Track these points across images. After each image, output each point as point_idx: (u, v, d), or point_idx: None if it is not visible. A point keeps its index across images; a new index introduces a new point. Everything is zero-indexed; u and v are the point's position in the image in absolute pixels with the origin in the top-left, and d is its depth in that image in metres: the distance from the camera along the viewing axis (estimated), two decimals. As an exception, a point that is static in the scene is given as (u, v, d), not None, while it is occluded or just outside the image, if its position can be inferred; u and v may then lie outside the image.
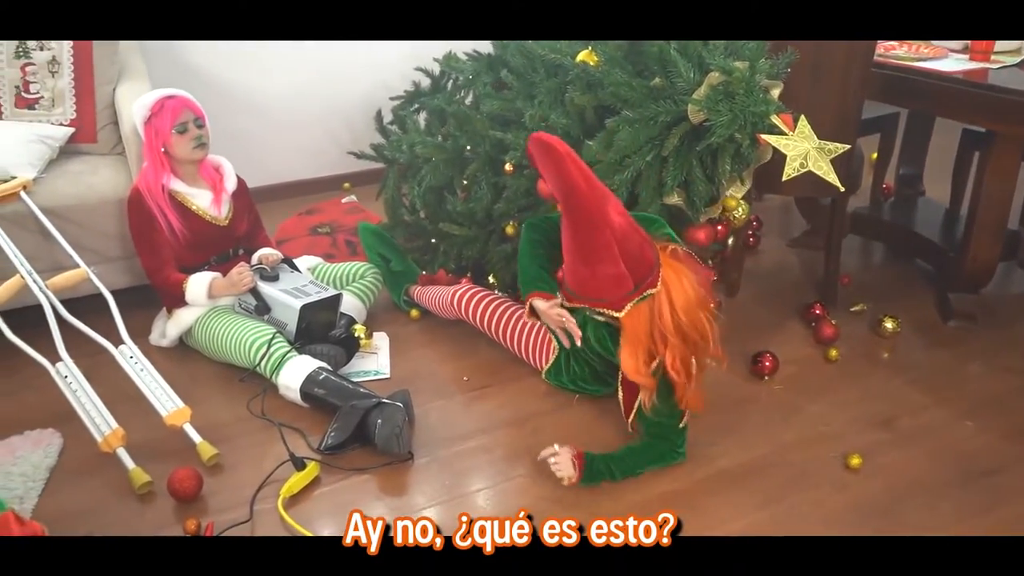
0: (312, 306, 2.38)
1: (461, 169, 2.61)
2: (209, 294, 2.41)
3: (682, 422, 2.01)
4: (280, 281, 2.46)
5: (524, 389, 2.38)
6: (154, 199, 2.39)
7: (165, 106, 2.37)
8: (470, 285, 2.53)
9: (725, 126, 1.91)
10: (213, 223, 2.50)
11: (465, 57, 2.96)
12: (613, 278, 1.79)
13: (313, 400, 2.23)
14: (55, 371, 2.11)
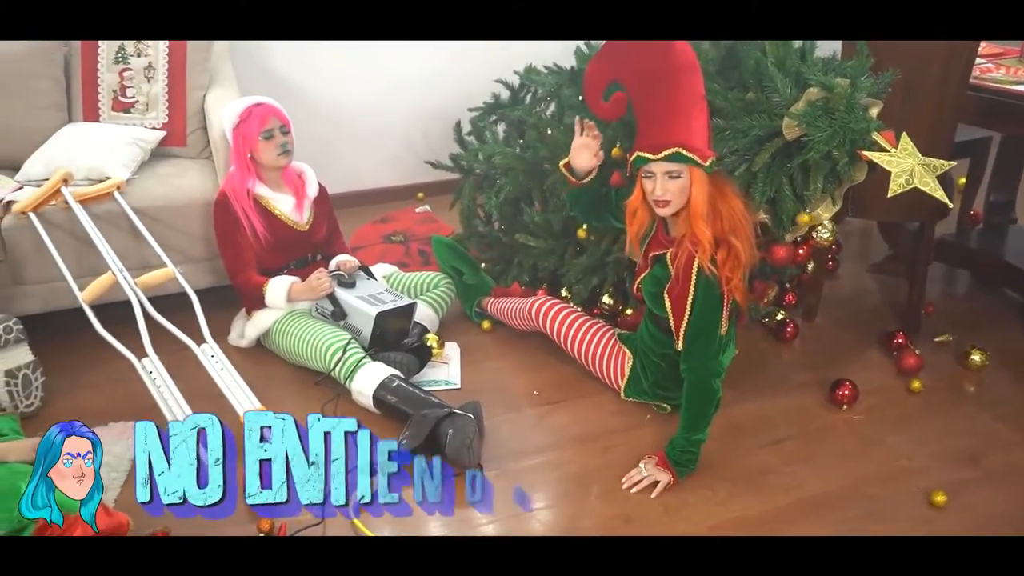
0: (387, 314, 2.40)
1: (539, 180, 2.61)
2: (288, 297, 2.45)
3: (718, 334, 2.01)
4: (356, 288, 2.50)
5: (596, 406, 2.36)
6: (239, 202, 2.45)
7: (253, 113, 2.43)
8: (548, 296, 2.52)
9: (823, 142, 1.87)
10: (294, 228, 2.55)
11: (545, 70, 2.97)
12: (703, 127, 1.90)
13: (385, 407, 2.25)
14: (141, 366, 2.18)
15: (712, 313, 1.99)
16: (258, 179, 2.50)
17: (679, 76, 1.90)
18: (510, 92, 3.03)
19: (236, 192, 2.46)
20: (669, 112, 1.92)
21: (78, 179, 2.56)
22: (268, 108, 2.47)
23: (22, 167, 2.63)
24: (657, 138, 1.94)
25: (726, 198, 1.96)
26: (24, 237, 2.45)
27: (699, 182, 1.92)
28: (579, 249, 2.57)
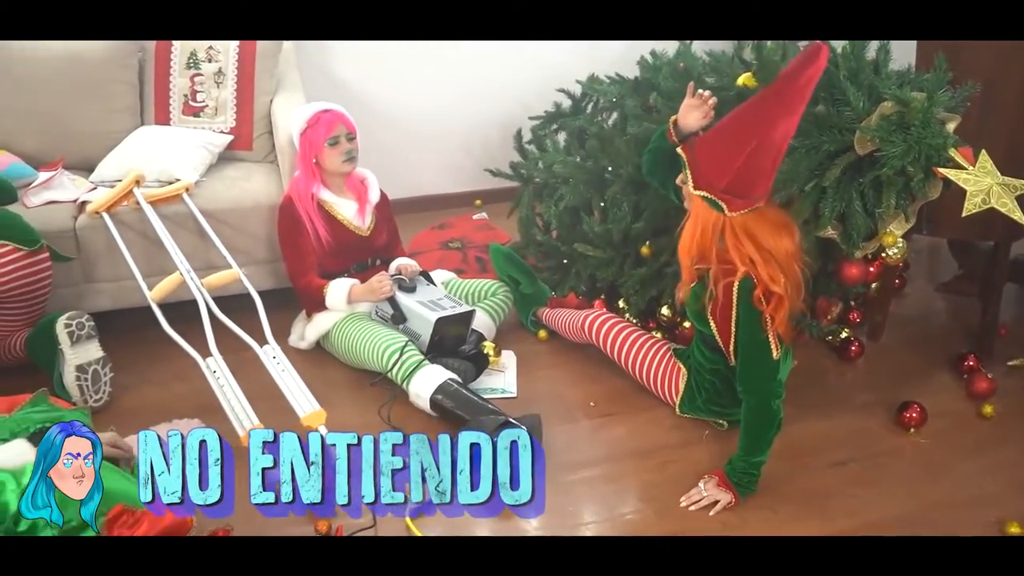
0: (446, 320, 2.41)
1: (600, 190, 2.59)
2: (348, 299, 2.48)
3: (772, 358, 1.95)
4: (416, 293, 2.51)
5: (652, 420, 2.32)
6: (303, 206, 2.49)
7: (320, 119, 2.47)
8: (601, 310, 2.50)
9: (898, 158, 1.82)
10: (356, 232, 2.59)
11: (607, 80, 2.96)
12: (723, 156, 1.82)
13: (442, 410, 2.25)
14: (205, 365, 2.22)
15: (758, 339, 1.94)
16: (322, 184, 2.54)
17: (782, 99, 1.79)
18: (571, 101, 3.02)
19: (300, 196, 2.50)
20: (718, 124, 1.90)
21: (149, 181, 2.63)
22: (335, 115, 2.50)
23: (96, 168, 2.71)
24: (712, 170, 1.89)
25: (765, 240, 1.88)
26: (97, 236, 2.53)
27: (695, 209, 1.91)
28: (638, 260, 2.54)
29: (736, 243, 1.88)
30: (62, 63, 2.73)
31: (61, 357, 2.24)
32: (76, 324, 2.24)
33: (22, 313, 2.35)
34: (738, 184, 1.83)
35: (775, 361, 1.95)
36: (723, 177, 1.84)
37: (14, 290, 2.28)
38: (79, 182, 2.68)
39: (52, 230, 2.46)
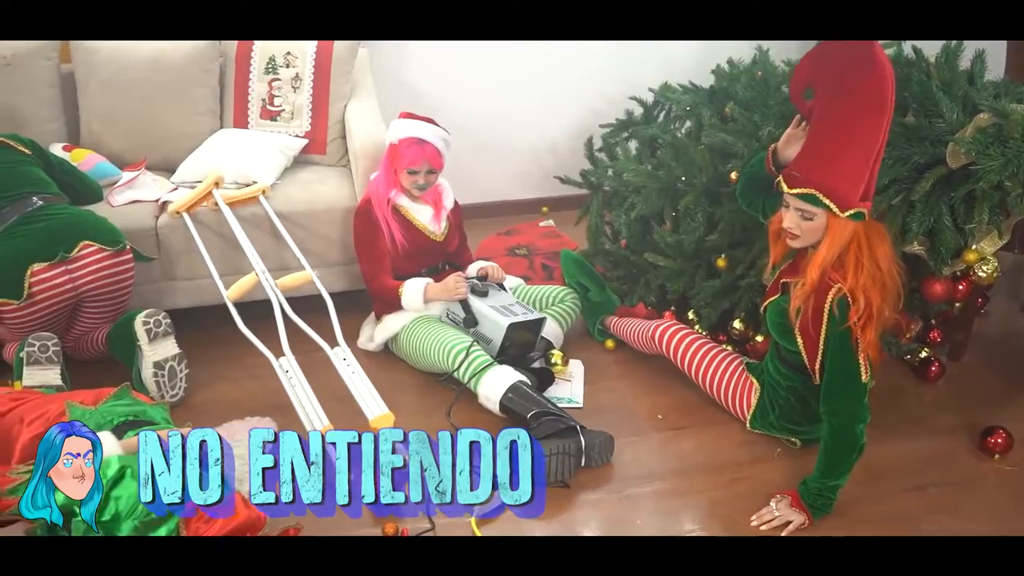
0: (518, 326, 2.41)
1: (672, 200, 2.55)
2: (424, 298, 2.49)
3: (860, 380, 1.89)
4: (489, 297, 2.51)
5: (722, 435, 2.28)
6: (380, 210, 2.51)
7: (411, 147, 2.48)
8: (673, 321, 2.47)
9: (994, 172, 1.75)
10: (430, 237, 2.61)
11: (680, 88, 2.92)
12: (857, 173, 1.80)
13: (512, 413, 2.25)
14: (278, 365, 2.25)
15: (847, 359, 1.89)
16: (400, 191, 2.56)
17: (856, 112, 1.79)
18: (643, 109, 2.99)
19: (378, 200, 2.52)
20: (824, 146, 1.84)
21: (227, 183, 2.69)
22: (425, 151, 2.48)
23: (177, 169, 2.79)
24: (802, 169, 1.87)
25: (874, 250, 1.86)
26: (177, 236, 2.60)
27: (835, 232, 1.84)
28: (710, 272, 2.50)
29: (858, 252, 1.84)
30: (147, 67, 2.82)
31: (139, 353, 2.31)
32: (153, 322, 2.30)
33: (105, 311, 2.43)
34: (868, 186, 1.84)
35: (863, 383, 1.89)
36: (859, 187, 1.82)
37: (98, 289, 2.35)
38: (161, 182, 2.76)
39: (135, 228, 2.53)
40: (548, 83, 3.57)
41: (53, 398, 1.96)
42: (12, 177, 2.34)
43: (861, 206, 1.83)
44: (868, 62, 1.77)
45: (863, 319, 1.84)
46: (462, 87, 3.44)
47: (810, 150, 1.87)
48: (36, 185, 2.35)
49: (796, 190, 1.85)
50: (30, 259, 2.24)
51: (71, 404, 1.88)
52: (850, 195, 1.82)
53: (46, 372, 2.29)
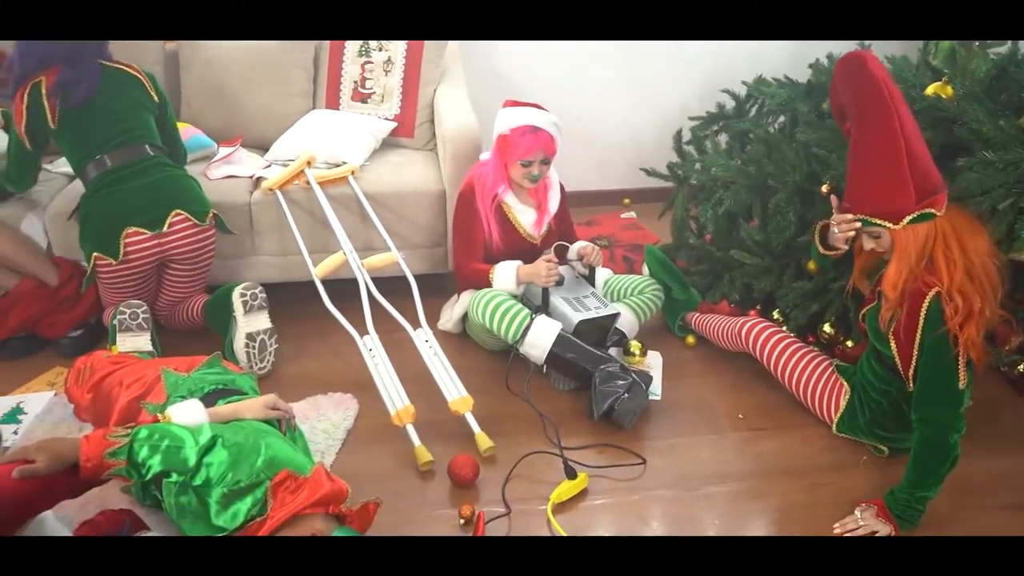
0: (588, 322, 2.37)
1: (762, 197, 2.50)
2: (516, 281, 2.43)
3: (956, 387, 1.82)
4: (564, 287, 2.47)
5: (804, 439, 2.22)
6: (484, 204, 2.46)
7: (526, 136, 2.38)
8: (761, 319, 2.41)
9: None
10: (527, 240, 2.58)
11: (775, 82, 2.85)
12: (896, 182, 1.79)
13: (560, 363, 2.30)
14: (362, 343, 2.30)
15: (943, 363, 1.82)
16: (508, 186, 2.51)
17: (865, 121, 1.83)
18: (735, 103, 2.93)
19: (483, 193, 2.47)
20: (857, 166, 1.87)
21: (319, 163, 2.75)
22: (541, 139, 2.39)
23: (271, 147, 2.86)
24: (849, 197, 1.91)
25: (964, 243, 1.80)
26: (268, 212, 2.67)
27: (901, 245, 1.83)
28: (798, 272, 2.44)
29: (946, 250, 1.80)
30: (247, 48, 2.90)
31: (234, 324, 2.39)
32: (250, 295, 2.38)
33: (187, 276, 2.50)
34: (921, 185, 1.79)
35: (960, 391, 1.82)
36: (908, 192, 1.79)
37: (182, 255, 2.43)
38: (255, 159, 2.84)
39: (229, 203, 2.61)
40: (635, 74, 3.53)
41: (150, 363, 2.04)
42: (134, 118, 2.40)
43: (921, 208, 1.79)
44: (857, 72, 1.82)
45: (961, 317, 1.77)
46: (549, 75, 3.43)
47: (849, 175, 1.89)
48: (147, 135, 2.41)
49: (848, 218, 1.90)
50: (127, 221, 2.33)
51: (166, 370, 1.95)
52: (898, 203, 1.80)
53: (137, 338, 2.39)
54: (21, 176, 2.46)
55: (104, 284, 2.44)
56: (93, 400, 1.99)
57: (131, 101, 2.40)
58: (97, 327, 2.59)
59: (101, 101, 2.34)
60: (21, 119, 2.30)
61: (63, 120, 2.31)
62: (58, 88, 2.29)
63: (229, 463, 1.56)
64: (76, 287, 2.57)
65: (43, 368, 2.49)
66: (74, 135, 2.33)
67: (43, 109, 2.29)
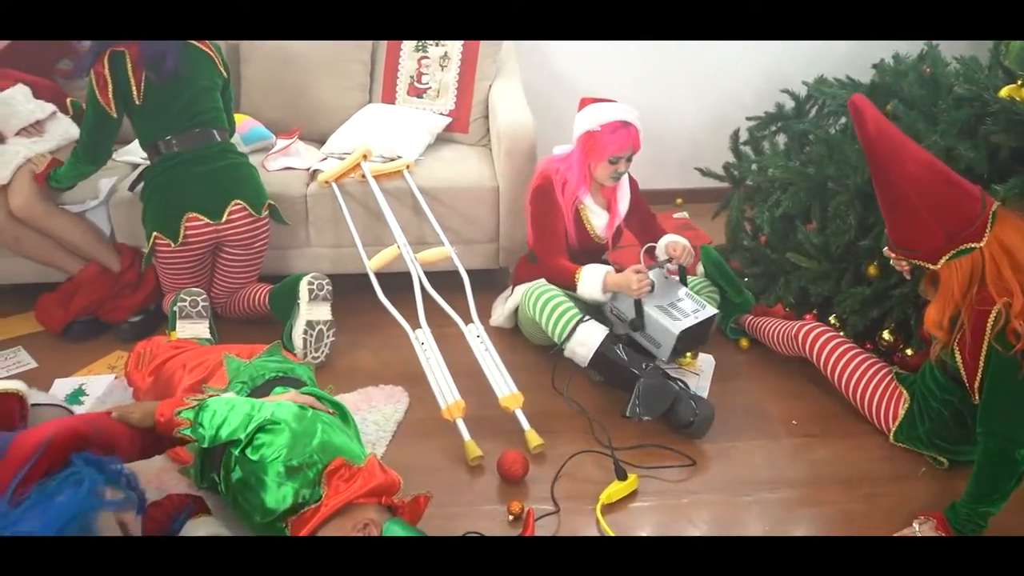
0: (688, 331, 2.26)
1: (821, 199, 2.45)
2: (603, 288, 2.34)
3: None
4: (656, 292, 2.31)
5: (859, 447, 2.18)
6: (565, 202, 2.44)
7: (617, 132, 2.33)
8: (818, 323, 2.36)
9: None
10: (597, 241, 2.56)
11: (836, 82, 2.79)
12: (916, 227, 1.78)
13: (605, 363, 2.28)
14: (414, 337, 2.31)
15: (1010, 378, 1.75)
16: (588, 188, 2.46)
17: (874, 168, 1.82)
18: (795, 103, 2.88)
19: (565, 193, 2.44)
20: (884, 213, 1.86)
21: (374, 156, 2.77)
22: (632, 134, 2.35)
23: (328, 140, 2.89)
24: (889, 234, 1.89)
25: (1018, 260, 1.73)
26: (324, 204, 2.70)
27: (945, 283, 1.79)
28: (856, 277, 2.39)
29: (996, 272, 1.72)
30: (306, 42, 2.93)
31: (296, 311, 2.42)
32: (317, 284, 2.41)
33: (239, 263, 2.54)
34: (949, 225, 1.74)
35: None
36: (934, 234, 1.76)
37: (236, 242, 2.48)
38: (312, 151, 2.87)
39: (286, 194, 2.65)
40: (691, 72, 3.49)
41: (211, 349, 2.08)
42: (206, 100, 2.42)
43: (955, 246, 1.74)
44: (856, 120, 1.80)
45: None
46: (603, 72, 3.41)
47: (882, 213, 1.88)
48: (216, 119, 2.44)
49: (892, 255, 1.89)
50: (189, 206, 2.38)
51: (228, 356, 1.99)
52: (927, 246, 1.77)
53: (196, 325, 2.44)
54: (97, 150, 2.43)
55: (161, 266, 2.49)
56: (154, 383, 2.04)
57: (205, 81, 2.42)
58: (156, 313, 2.64)
59: (181, 79, 2.36)
60: (107, 85, 2.29)
61: (146, 95, 2.33)
62: (147, 59, 2.29)
63: (286, 441, 1.59)
64: (137, 273, 2.63)
65: (104, 351, 2.55)
66: (152, 110, 2.35)
67: (128, 80, 2.30)
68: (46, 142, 2.54)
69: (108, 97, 2.31)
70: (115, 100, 2.32)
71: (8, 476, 1.37)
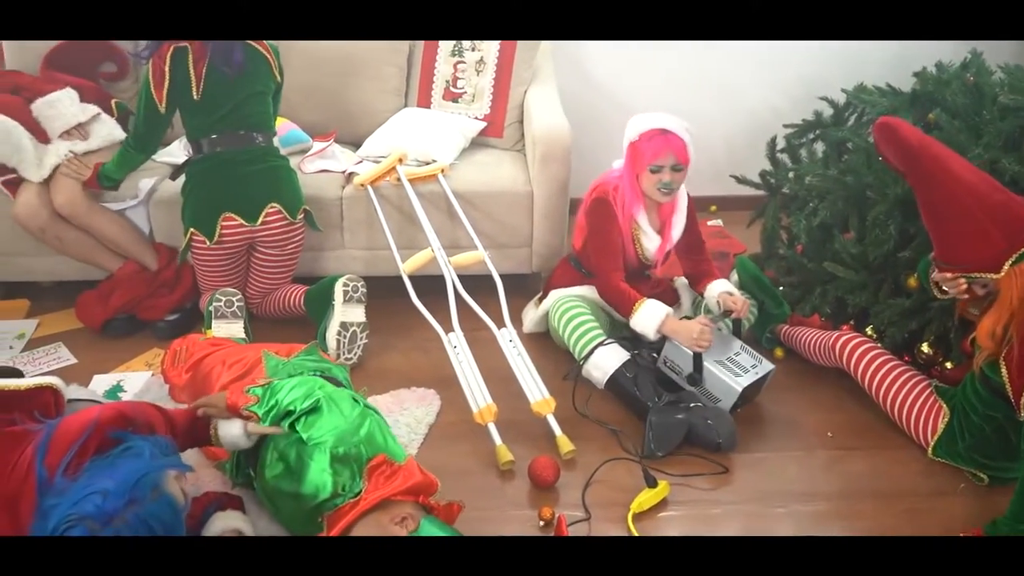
0: (750, 387, 2.21)
1: (859, 208, 2.42)
2: (658, 328, 2.25)
3: None
4: (711, 348, 2.22)
5: (897, 461, 2.14)
6: (623, 218, 2.38)
7: (653, 139, 2.28)
8: (856, 334, 2.33)
9: None
10: (645, 263, 2.52)
11: (876, 90, 2.76)
12: (973, 237, 1.76)
13: (619, 388, 2.28)
14: (447, 340, 2.32)
15: None
16: (643, 204, 2.40)
17: (920, 185, 1.82)
18: (833, 110, 2.85)
19: (623, 209, 2.37)
20: (935, 229, 1.85)
21: (409, 160, 2.78)
22: (668, 141, 2.28)
23: (363, 143, 2.92)
24: (941, 254, 1.87)
25: None
26: (358, 207, 2.72)
27: (1004, 291, 1.76)
28: (895, 288, 2.35)
29: None
30: (343, 45, 2.95)
31: (331, 311, 2.44)
32: (352, 287, 2.43)
33: (273, 263, 2.57)
34: (1010, 228, 1.74)
35: None
36: (995, 240, 1.74)
37: (269, 243, 2.51)
38: (348, 154, 2.90)
39: (322, 196, 2.68)
40: (727, 78, 3.47)
41: (250, 346, 2.11)
42: (256, 104, 2.44)
43: (1020, 247, 1.72)
44: (890, 140, 1.81)
45: None
46: (639, 77, 3.40)
47: (930, 234, 1.87)
48: (261, 123, 2.47)
49: (948, 276, 1.84)
50: (226, 206, 2.42)
51: (267, 353, 2.02)
52: (989, 253, 1.75)
53: (231, 325, 2.47)
54: (149, 139, 2.45)
55: (197, 263, 2.53)
56: (191, 379, 2.07)
57: (260, 86, 2.45)
58: (192, 312, 2.68)
59: (242, 78, 2.38)
60: (163, 81, 2.31)
61: (205, 91, 2.35)
62: (216, 54, 2.31)
63: (335, 425, 1.66)
64: (174, 272, 2.67)
65: (142, 349, 2.59)
66: (207, 107, 2.37)
67: (188, 75, 2.33)
68: (88, 144, 2.60)
69: (161, 93, 2.33)
70: (168, 96, 2.34)
71: (59, 454, 1.41)
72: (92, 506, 1.29)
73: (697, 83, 3.46)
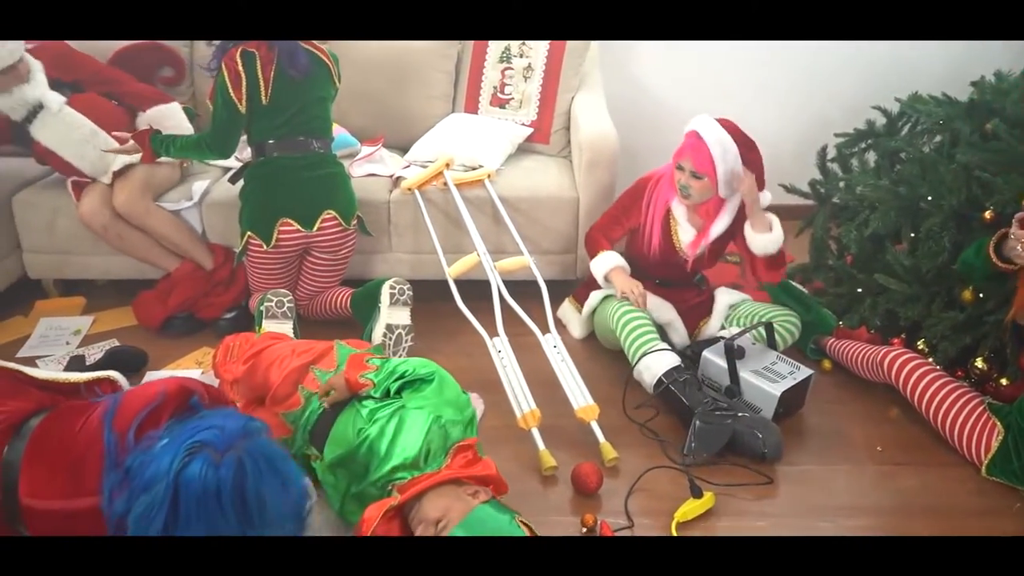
0: (789, 391, 2.21)
1: (913, 220, 2.37)
2: (605, 273, 2.48)
3: None
4: (748, 358, 2.30)
5: (949, 478, 2.10)
6: (654, 206, 2.46)
7: (688, 138, 2.35)
8: (905, 349, 2.29)
9: None
10: (679, 254, 2.52)
11: (932, 99, 2.71)
12: None
13: (667, 395, 2.27)
14: (491, 344, 2.33)
15: None
16: (678, 195, 2.44)
17: None
18: (886, 120, 2.80)
19: (657, 194, 2.46)
20: None
21: (456, 165, 2.81)
22: (693, 146, 2.32)
23: (411, 148, 2.95)
24: None
25: None
26: (405, 211, 2.75)
27: None
28: (948, 301, 2.30)
29: None
30: (392, 50, 3.00)
31: (377, 313, 2.47)
32: (398, 289, 2.46)
33: (325, 267, 2.61)
34: None
35: None
36: None
37: (324, 248, 2.55)
38: (396, 159, 2.93)
39: (370, 200, 2.71)
40: (776, 86, 3.44)
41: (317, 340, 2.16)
42: (317, 109, 2.47)
43: None
44: None
45: None
46: (686, 84, 3.39)
47: None
48: (320, 129, 2.49)
49: None
50: (283, 212, 2.46)
51: (340, 344, 2.09)
52: None
53: (281, 325, 2.50)
54: (226, 144, 2.42)
55: (252, 265, 2.58)
56: (249, 371, 2.10)
57: (321, 91, 2.48)
58: (248, 309, 2.73)
59: (306, 83, 2.41)
60: (240, 82, 2.31)
61: (273, 95, 2.37)
62: (283, 57, 2.34)
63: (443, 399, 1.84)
64: (229, 271, 2.73)
65: (192, 348, 2.65)
66: (272, 111, 2.39)
67: (258, 79, 2.34)
68: None
69: (240, 93, 2.34)
70: (246, 96, 2.35)
71: (128, 419, 1.41)
72: (211, 434, 1.29)
73: (744, 90, 3.43)
